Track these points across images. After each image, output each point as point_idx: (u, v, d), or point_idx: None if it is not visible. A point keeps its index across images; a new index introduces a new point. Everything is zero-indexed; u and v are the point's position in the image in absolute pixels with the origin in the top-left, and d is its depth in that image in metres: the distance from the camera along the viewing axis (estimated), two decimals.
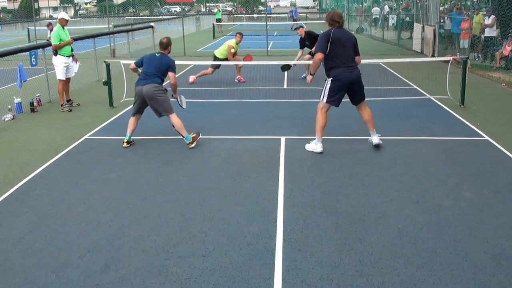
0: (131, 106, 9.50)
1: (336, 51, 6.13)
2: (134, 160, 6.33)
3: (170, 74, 6.69)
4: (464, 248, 3.97)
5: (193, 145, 6.66)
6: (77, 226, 4.48)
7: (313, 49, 11.38)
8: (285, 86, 11.61)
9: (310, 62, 10.87)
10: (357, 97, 6.40)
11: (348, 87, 6.25)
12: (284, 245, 4.06)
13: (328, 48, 6.13)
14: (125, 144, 6.82)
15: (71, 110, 9.39)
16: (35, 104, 9.47)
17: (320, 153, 6.34)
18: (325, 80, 6.33)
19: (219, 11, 37.79)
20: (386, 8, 26.76)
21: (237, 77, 12.05)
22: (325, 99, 6.29)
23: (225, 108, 9.24)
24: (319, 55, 6.15)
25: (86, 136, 7.48)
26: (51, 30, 14.97)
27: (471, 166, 5.93)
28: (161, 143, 6.95)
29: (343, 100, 6.42)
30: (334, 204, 4.87)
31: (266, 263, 3.81)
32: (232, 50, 11.47)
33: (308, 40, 11.50)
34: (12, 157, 6.59)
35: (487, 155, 6.36)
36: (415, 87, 11.13)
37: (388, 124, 7.44)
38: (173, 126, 6.72)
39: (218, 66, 11.68)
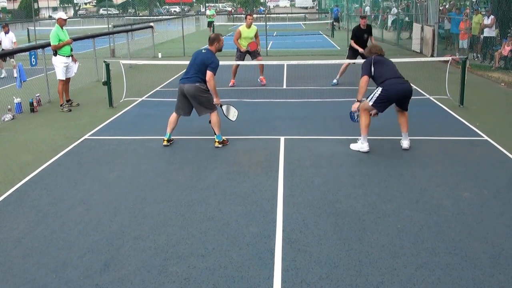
0: (131, 106, 9.59)
1: (381, 69, 6.32)
2: (134, 160, 6.33)
3: (207, 72, 6.51)
4: (463, 248, 3.98)
5: (220, 145, 6.70)
6: (77, 226, 4.49)
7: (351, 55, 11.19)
8: (284, 86, 11.61)
9: (348, 61, 10.87)
10: (404, 105, 6.44)
11: (397, 99, 6.32)
12: (283, 245, 4.07)
13: (373, 69, 6.30)
14: (165, 143, 6.82)
15: (70, 110, 9.40)
16: (34, 104, 9.47)
17: (367, 152, 6.36)
18: (376, 87, 6.34)
19: (209, 16, 32.02)
20: (394, 10, 26.46)
21: (260, 77, 11.78)
22: (371, 102, 6.32)
23: None
24: (365, 78, 6.34)
25: (86, 136, 7.49)
26: (6, 33, 13.67)
27: (470, 166, 5.94)
28: (161, 143, 6.95)
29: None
30: (334, 204, 4.88)
31: (265, 263, 3.81)
32: (241, 40, 11.16)
33: (367, 32, 11.15)
34: (12, 157, 6.59)
35: (487, 155, 6.37)
36: (414, 87, 11.09)
37: (387, 124, 7.43)
38: (210, 121, 6.75)
39: (241, 58, 11.35)
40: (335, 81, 11.53)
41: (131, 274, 3.69)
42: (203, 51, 6.74)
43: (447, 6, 19.16)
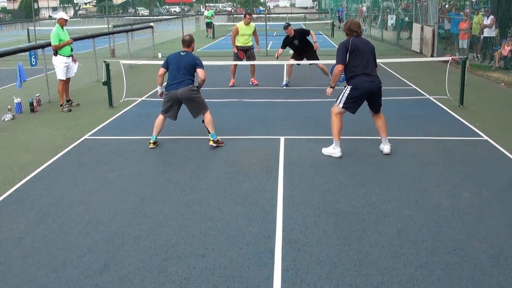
0: (131, 106, 9.59)
1: (355, 60, 6.01)
2: (134, 160, 6.33)
3: (199, 70, 6.69)
4: (463, 248, 3.98)
5: (214, 145, 6.71)
6: (77, 226, 4.49)
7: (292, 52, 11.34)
8: (284, 86, 11.60)
9: (293, 62, 11.01)
10: (375, 106, 6.30)
11: (367, 96, 6.14)
12: (283, 245, 4.07)
13: (348, 58, 6.02)
14: (151, 145, 6.78)
15: (70, 110, 9.40)
16: (34, 104, 9.47)
17: (340, 157, 6.23)
18: (345, 87, 6.20)
19: (208, 17, 29.90)
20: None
21: (251, 79, 11.81)
22: (341, 105, 6.17)
23: (224, 108, 9.25)
24: (339, 67, 6.05)
25: (86, 136, 7.49)
26: None
27: (470, 166, 5.94)
28: (161, 143, 6.95)
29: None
30: (334, 204, 4.88)
31: (265, 263, 3.81)
32: (238, 37, 11.22)
33: (298, 38, 11.00)
34: (12, 157, 6.59)
35: (486, 155, 6.37)
36: (414, 87, 11.14)
37: (387, 124, 7.43)
38: (203, 121, 6.79)
39: (239, 58, 11.37)
40: (284, 82, 11.53)
41: (131, 274, 3.69)
42: (182, 53, 6.79)
43: (446, 6, 19.16)
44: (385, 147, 6.40)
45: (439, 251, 3.95)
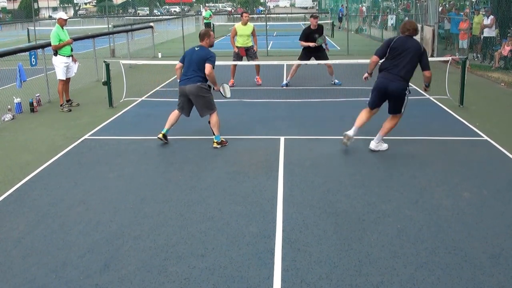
0: (131, 106, 9.59)
1: (390, 56, 6.15)
2: (134, 160, 6.33)
3: (206, 65, 6.54)
4: (463, 248, 3.98)
5: (218, 146, 6.70)
6: (77, 226, 4.49)
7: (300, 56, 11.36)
8: (284, 86, 11.60)
9: (299, 62, 11.02)
10: (390, 107, 6.34)
11: (383, 94, 6.21)
12: (283, 245, 4.07)
13: (388, 53, 6.18)
14: (160, 136, 6.78)
15: (70, 110, 9.40)
16: (34, 104, 9.47)
17: (344, 135, 6.30)
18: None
19: (206, 18, 29.78)
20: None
21: (256, 77, 11.83)
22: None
23: (224, 108, 9.23)
24: (374, 58, 6.29)
25: (86, 136, 7.49)
26: None
27: (470, 166, 5.94)
28: (161, 143, 6.95)
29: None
30: (334, 204, 4.88)
31: (265, 263, 3.81)
32: (237, 37, 11.26)
33: (319, 33, 11.05)
34: (12, 157, 6.59)
35: (486, 155, 6.37)
36: (414, 87, 11.08)
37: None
38: (209, 122, 6.78)
39: (239, 58, 11.40)
40: (285, 82, 11.51)
41: (131, 274, 3.69)
42: (196, 48, 6.76)
43: (447, 6, 19.16)
44: (372, 142, 6.45)
45: (439, 251, 3.95)
